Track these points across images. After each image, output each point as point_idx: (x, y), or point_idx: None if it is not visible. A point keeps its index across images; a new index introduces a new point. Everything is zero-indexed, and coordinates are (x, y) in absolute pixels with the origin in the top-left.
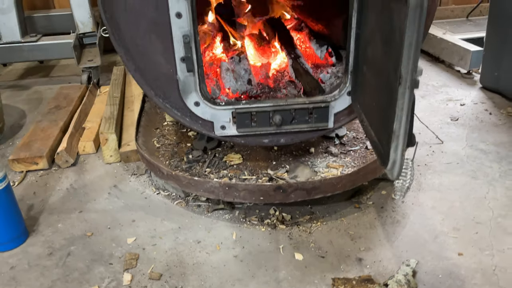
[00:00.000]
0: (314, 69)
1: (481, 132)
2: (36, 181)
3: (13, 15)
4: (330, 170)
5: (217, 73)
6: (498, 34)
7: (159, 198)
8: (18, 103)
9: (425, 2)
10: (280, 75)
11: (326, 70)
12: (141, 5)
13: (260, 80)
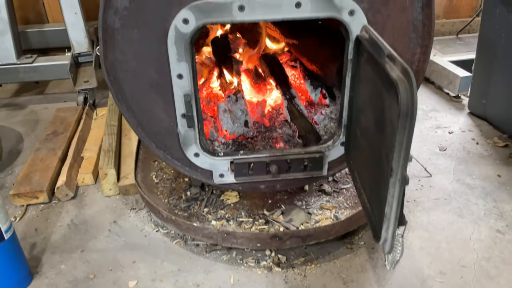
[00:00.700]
0: (309, 108)
1: (468, 164)
2: (37, 216)
3: (9, 37)
4: (324, 213)
5: (215, 112)
6: (485, 63)
7: (159, 236)
8: (15, 125)
9: (415, 109)
10: (276, 113)
11: (320, 111)
12: (143, 68)
13: (256, 119)
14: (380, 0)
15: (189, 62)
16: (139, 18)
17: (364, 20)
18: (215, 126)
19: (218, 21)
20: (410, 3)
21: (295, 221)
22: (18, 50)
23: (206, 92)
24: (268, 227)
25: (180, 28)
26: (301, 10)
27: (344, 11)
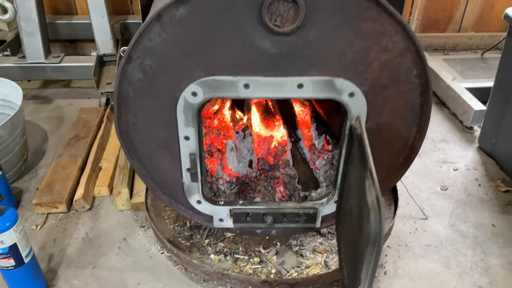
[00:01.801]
0: (312, 150)
1: (465, 209)
2: (56, 226)
3: (38, 38)
4: (315, 257)
5: (223, 146)
6: (501, 101)
7: (163, 259)
8: (40, 121)
9: (382, 238)
10: (281, 149)
11: (322, 156)
12: (153, 129)
13: (262, 155)
14: (380, 84)
15: (195, 127)
16: (151, 90)
17: (364, 102)
18: (222, 163)
19: (224, 96)
20: (409, 89)
21: (287, 264)
22: (46, 50)
23: (217, 121)
24: (261, 267)
25: (188, 99)
26: (303, 91)
27: (344, 93)
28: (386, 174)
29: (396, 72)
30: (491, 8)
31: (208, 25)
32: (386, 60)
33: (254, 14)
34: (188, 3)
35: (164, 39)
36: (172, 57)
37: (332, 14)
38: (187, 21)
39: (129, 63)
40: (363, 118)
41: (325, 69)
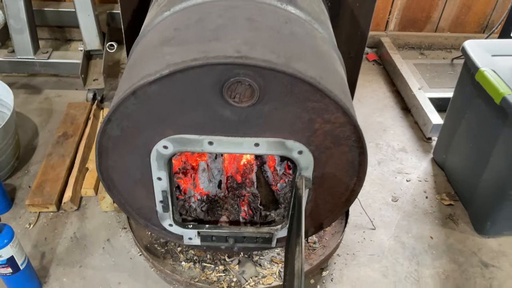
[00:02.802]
0: (275, 173)
1: (410, 220)
2: (47, 225)
3: (27, 35)
4: (272, 267)
5: (196, 164)
6: (452, 121)
7: (141, 260)
8: (30, 113)
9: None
10: (249, 168)
11: (284, 179)
12: (130, 171)
13: (231, 173)
14: (324, 146)
15: (166, 171)
16: (128, 143)
17: (311, 158)
18: (194, 182)
19: (191, 151)
20: (349, 150)
21: (247, 273)
22: (35, 46)
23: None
24: (224, 275)
25: (160, 151)
26: (259, 149)
27: (294, 151)
28: (330, 210)
29: (338, 138)
30: (468, 10)
31: (177, 98)
32: (329, 129)
33: (217, 92)
34: (159, 82)
35: (138, 107)
36: (145, 119)
37: (283, 96)
38: (158, 95)
39: (109, 123)
40: (311, 169)
41: (278, 133)
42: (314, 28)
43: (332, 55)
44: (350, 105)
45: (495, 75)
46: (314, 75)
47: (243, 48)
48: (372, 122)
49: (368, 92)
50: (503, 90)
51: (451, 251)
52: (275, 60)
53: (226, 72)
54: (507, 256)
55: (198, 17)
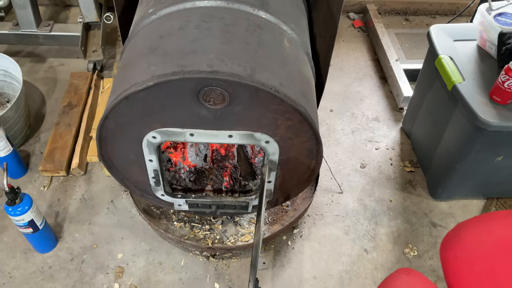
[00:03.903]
0: (253, 149)
1: (374, 185)
2: (59, 188)
3: (29, 10)
4: (250, 227)
5: (185, 143)
6: (420, 94)
7: (140, 219)
8: (37, 82)
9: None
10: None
11: (261, 153)
12: (126, 154)
13: (216, 146)
14: (287, 137)
15: (156, 155)
16: (122, 134)
17: (276, 146)
18: (183, 156)
19: (176, 140)
20: (307, 140)
21: (228, 232)
22: (37, 20)
23: None
24: (210, 233)
25: (150, 140)
26: (233, 139)
27: (262, 141)
28: (295, 185)
29: (297, 131)
30: None
31: (161, 101)
32: (290, 124)
33: (194, 96)
34: (146, 90)
35: (130, 108)
36: (136, 116)
37: (249, 100)
38: (146, 98)
39: (106, 119)
40: (277, 155)
41: (247, 127)
42: (282, 31)
43: (298, 56)
44: (308, 105)
45: (451, 62)
46: (275, 84)
47: (215, 62)
48: (351, 92)
49: (351, 60)
50: (455, 79)
51: (406, 212)
52: (241, 73)
53: (201, 82)
54: (455, 218)
55: (179, 25)
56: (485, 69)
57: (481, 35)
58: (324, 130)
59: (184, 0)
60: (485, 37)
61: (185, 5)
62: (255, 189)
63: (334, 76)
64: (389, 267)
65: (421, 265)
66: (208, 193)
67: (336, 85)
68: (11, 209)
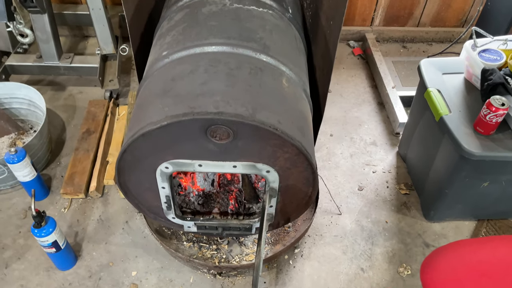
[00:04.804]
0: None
1: (371, 207)
2: (78, 209)
3: (51, 44)
4: (253, 247)
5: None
6: (414, 119)
7: (153, 239)
8: (58, 110)
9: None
10: None
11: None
12: (142, 182)
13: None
14: (286, 167)
15: (169, 182)
16: (138, 165)
17: (276, 175)
18: (192, 181)
19: (186, 170)
20: (304, 170)
21: (233, 252)
22: (59, 53)
23: None
24: (216, 253)
25: (163, 170)
26: (237, 169)
27: (263, 170)
28: (295, 209)
29: (295, 162)
30: (448, 7)
31: (173, 137)
32: (288, 156)
33: (202, 133)
34: (161, 128)
35: (145, 143)
36: (151, 150)
37: (251, 136)
38: (160, 135)
39: (124, 153)
40: (277, 182)
41: (250, 158)
42: (281, 72)
43: (296, 94)
44: (304, 139)
45: (439, 95)
46: (274, 122)
47: (221, 104)
48: (350, 117)
49: (351, 86)
50: (442, 111)
51: (401, 233)
52: (244, 113)
53: (208, 121)
54: (447, 238)
55: (190, 69)
56: (471, 101)
57: (467, 69)
58: (325, 154)
59: (194, 46)
60: (471, 71)
61: (195, 50)
62: (259, 212)
63: (335, 102)
64: (384, 286)
65: (414, 284)
66: (215, 215)
67: (336, 110)
68: (37, 231)
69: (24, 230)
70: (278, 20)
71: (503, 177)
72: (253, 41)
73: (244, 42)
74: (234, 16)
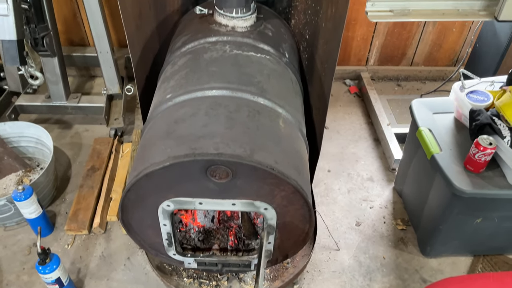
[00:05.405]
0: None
1: (368, 243)
2: (81, 245)
3: (60, 86)
4: (252, 283)
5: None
6: (408, 155)
7: (154, 275)
8: (64, 147)
9: None
10: None
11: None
12: (144, 219)
13: None
14: (283, 204)
15: (170, 220)
16: (140, 203)
17: (274, 212)
18: (193, 218)
19: (187, 208)
20: (301, 207)
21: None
22: (67, 93)
23: None
24: None
25: (165, 208)
26: (236, 207)
27: (261, 208)
28: (292, 245)
29: (291, 200)
30: (439, 47)
31: (175, 176)
32: (284, 194)
33: (203, 173)
34: (163, 168)
35: (148, 182)
36: (153, 189)
37: (250, 175)
38: (162, 174)
39: (128, 192)
40: (274, 219)
41: (248, 196)
42: (278, 113)
43: (292, 134)
44: (300, 177)
45: (430, 134)
46: (271, 162)
47: (221, 146)
48: (347, 153)
49: (347, 123)
50: (433, 149)
51: (399, 269)
52: (242, 154)
53: (208, 162)
54: (444, 274)
55: (192, 112)
56: (461, 140)
57: (457, 109)
58: (323, 190)
59: (196, 90)
60: (460, 111)
61: (197, 94)
62: (257, 248)
63: (332, 138)
64: None
65: None
66: (215, 252)
67: (334, 146)
68: (41, 268)
69: (28, 267)
70: (275, 65)
71: (495, 213)
72: (251, 85)
73: (243, 86)
74: (233, 61)
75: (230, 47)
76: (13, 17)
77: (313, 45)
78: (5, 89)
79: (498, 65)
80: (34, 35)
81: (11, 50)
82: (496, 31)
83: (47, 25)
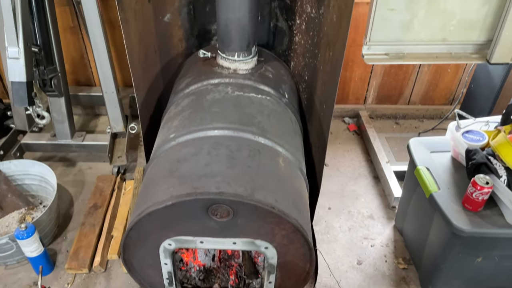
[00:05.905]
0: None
1: (370, 282)
2: (81, 284)
3: (66, 125)
4: None
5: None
6: (408, 194)
7: None
8: (67, 184)
9: None
10: None
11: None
12: (146, 258)
13: None
14: (283, 243)
15: (171, 259)
16: (142, 242)
17: (274, 251)
18: (194, 256)
19: (188, 247)
20: (301, 246)
21: None
22: (72, 132)
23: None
24: None
25: (166, 247)
26: (236, 245)
27: (261, 247)
28: (293, 284)
29: (291, 239)
30: (435, 87)
31: (177, 215)
32: (285, 233)
33: (204, 211)
34: (166, 207)
35: (151, 221)
36: (155, 227)
37: (250, 214)
38: (165, 214)
39: (130, 230)
40: (275, 258)
41: (249, 235)
42: (278, 152)
43: (292, 173)
44: (300, 216)
45: (428, 173)
46: (271, 201)
47: (222, 185)
48: (347, 190)
49: (347, 161)
50: (431, 188)
51: None
52: (243, 193)
53: (210, 201)
54: None
55: (194, 152)
56: (458, 178)
57: (453, 148)
58: (323, 228)
59: (199, 130)
60: (457, 150)
61: (199, 134)
62: (258, 287)
63: (332, 176)
64: None
65: None
66: None
67: (334, 184)
68: None
69: None
70: (276, 105)
71: (494, 252)
72: (252, 125)
73: (244, 126)
74: (235, 102)
75: (232, 88)
76: (24, 60)
77: (312, 86)
78: (12, 128)
79: (492, 105)
80: (42, 76)
81: (20, 91)
82: (490, 72)
83: (56, 67)
